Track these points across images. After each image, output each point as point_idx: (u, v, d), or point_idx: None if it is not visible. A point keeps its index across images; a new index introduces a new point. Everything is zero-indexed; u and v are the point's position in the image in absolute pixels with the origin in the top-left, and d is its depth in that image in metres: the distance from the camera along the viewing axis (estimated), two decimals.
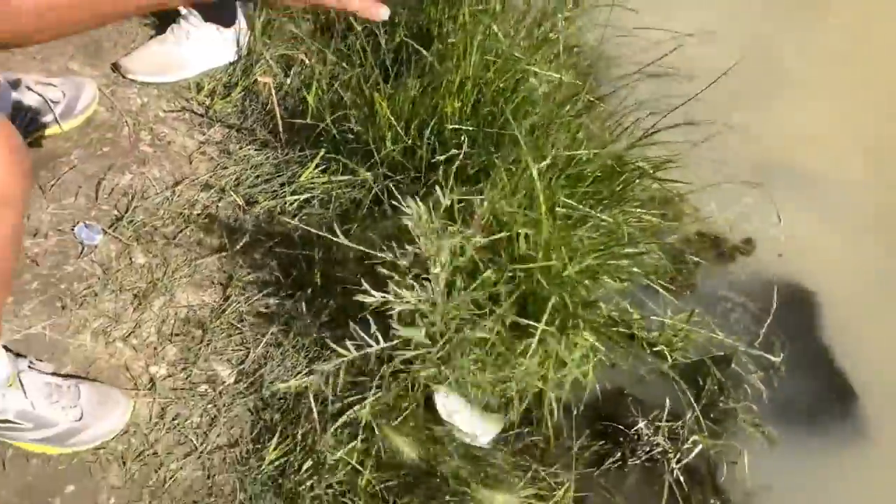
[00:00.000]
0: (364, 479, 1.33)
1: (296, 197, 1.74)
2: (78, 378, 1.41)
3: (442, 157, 1.49)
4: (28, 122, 1.70)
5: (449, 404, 1.48)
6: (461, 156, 1.39)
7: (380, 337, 1.28)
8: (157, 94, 1.94)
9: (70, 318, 1.53)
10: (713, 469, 1.68)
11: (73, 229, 1.65)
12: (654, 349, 1.77)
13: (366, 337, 1.28)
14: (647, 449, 1.63)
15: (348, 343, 1.29)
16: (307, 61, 1.93)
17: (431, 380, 1.39)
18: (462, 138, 1.41)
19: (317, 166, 1.76)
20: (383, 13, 0.87)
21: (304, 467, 1.38)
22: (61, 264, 1.61)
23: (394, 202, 1.37)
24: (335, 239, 1.33)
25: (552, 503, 1.55)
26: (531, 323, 1.38)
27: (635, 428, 1.62)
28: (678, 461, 1.61)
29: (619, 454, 1.64)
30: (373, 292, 1.28)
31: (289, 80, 1.92)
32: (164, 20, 1.98)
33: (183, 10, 1.91)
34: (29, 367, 1.31)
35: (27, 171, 0.97)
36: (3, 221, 1.00)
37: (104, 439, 1.38)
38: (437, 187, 1.27)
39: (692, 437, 1.63)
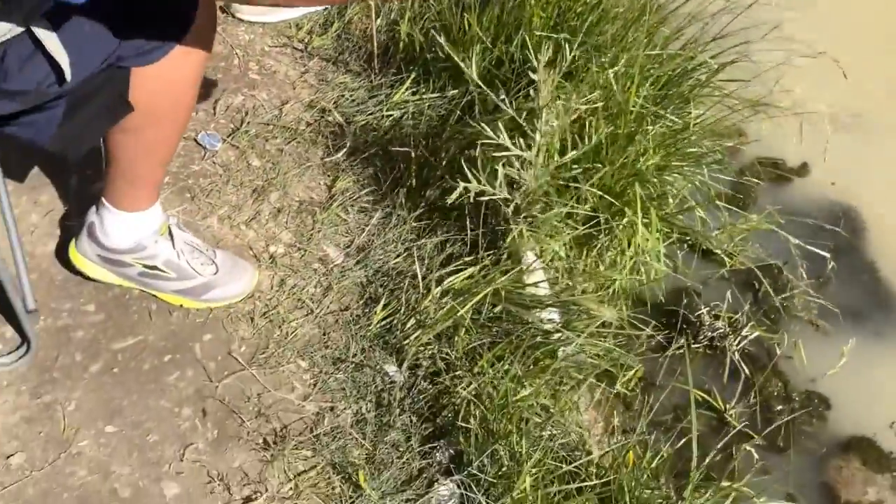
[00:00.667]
0: (462, 330, 1.51)
1: (390, 113, 1.95)
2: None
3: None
4: None
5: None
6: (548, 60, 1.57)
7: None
8: (262, 31, 2.17)
9: (198, 206, 1.75)
10: (771, 357, 1.83)
11: (195, 137, 1.88)
12: (713, 256, 1.95)
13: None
14: (709, 334, 1.79)
15: None
16: (395, 3, 2.15)
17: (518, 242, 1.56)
18: (548, 47, 1.60)
19: (407, 89, 1.97)
20: None
21: (408, 325, 1.57)
22: (188, 164, 1.83)
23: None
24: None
25: (622, 382, 1.72)
26: (613, 201, 1.56)
27: (697, 313, 1.79)
28: (738, 344, 1.77)
29: (682, 340, 1.81)
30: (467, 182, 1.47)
31: (380, 17, 2.14)
32: None
33: None
34: (176, 224, 1.52)
35: (215, 15, 1.19)
36: (195, 61, 1.21)
37: (234, 300, 1.59)
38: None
39: (749, 324, 1.79)
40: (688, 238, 1.92)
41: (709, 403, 1.74)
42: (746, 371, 1.78)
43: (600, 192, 1.60)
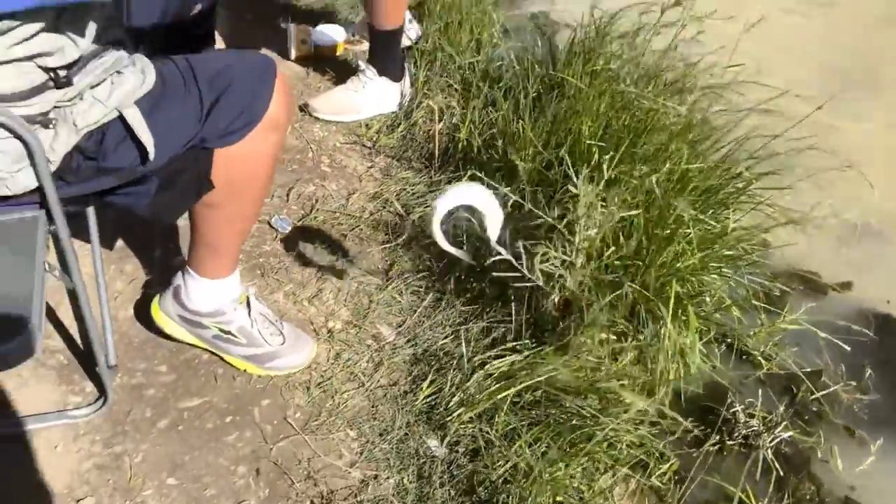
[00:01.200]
0: (503, 412, 1.61)
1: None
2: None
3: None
4: None
5: None
6: (594, 166, 1.71)
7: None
8: (335, 129, 2.39)
9: (267, 282, 1.91)
10: (805, 459, 1.86)
11: (269, 221, 2.06)
12: (750, 356, 2.01)
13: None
14: (744, 432, 1.83)
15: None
16: (458, 108, 2.35)
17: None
18: (594, 152, 1.75)
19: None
20: None
21: (452, 403, 1.67)
22: (260, 244, 2.00)
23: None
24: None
25: (657, 474, 1.77)
26: (652, 297, 1.66)
27: (733, 410, 1.84)
28: (771, 443, 1.81)
29: (717, 437, 1.85)
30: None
31: (443, 122, 2.34)
32: (345, 71, 2.45)
33: (362, 65, 2.37)
34: (254, 295, 1.67)
35: (293, 103, 1.37)
36: (270, 142, 1.39)
37: (294, 370, 1.72)
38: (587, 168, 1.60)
39: (783, 423, 1.83)
40: (726, 337, 1.99)
41: (742, 501, 1.77)
42: (780, 471, 1.81)
43: (641, 289, 1.71)
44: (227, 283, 1.61)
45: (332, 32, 2.65)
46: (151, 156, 1.28)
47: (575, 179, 1.66)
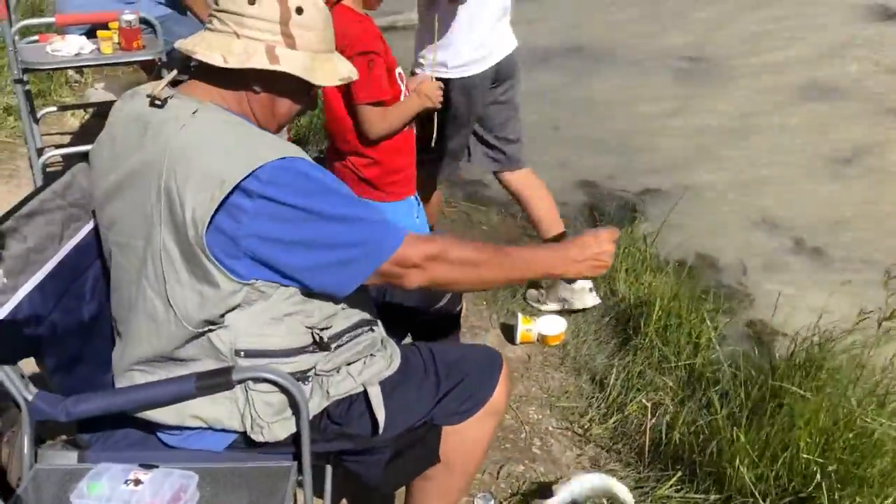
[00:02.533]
0: None
1: None
2: None
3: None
4: None
5: None
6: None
7: None
8: (548, 413, 2.51)
9: None
10: None
11: (473, 497, 2.15)
12: None
13: None
14: None
15: None
16: (671, 405, 2.40)
17: None
18: (814, 470, 1.70)
19: (672, 486, 2.12)
20: None
21: None
22: None
23: None
24: None
25: None
26: None
27: None
28: None
29: None
30: None
31: (655, 418, 2.38)
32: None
33: None
34: None
35: (510, 390, 1.53)
36: (488, 426, 1.54)
37: None
38: None
39: None
40: None
41: None
42: None
43: None
44: None
45: (555, 324, 2.87)
46: (381, 430, 1.48)
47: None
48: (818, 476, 1.56)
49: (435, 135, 2.65)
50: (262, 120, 1.47)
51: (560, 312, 2.95)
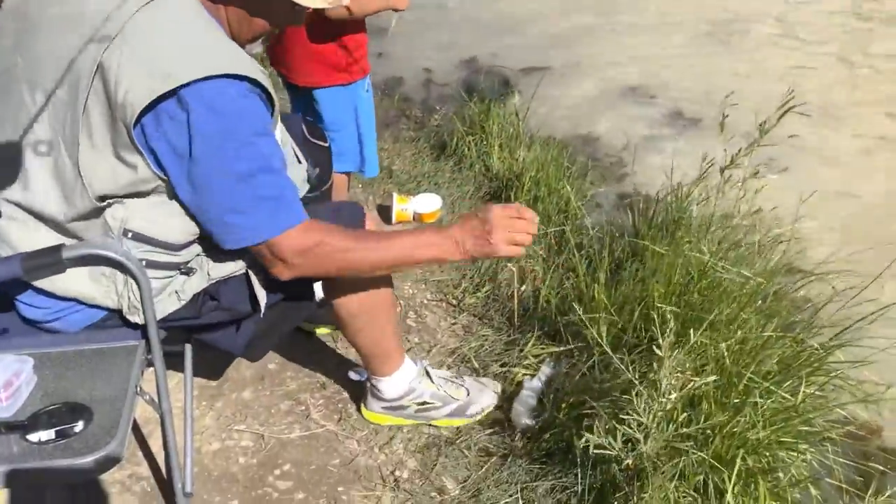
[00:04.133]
0: None
1: (523, 371, 2.16)
2: None
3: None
4: None
5: None
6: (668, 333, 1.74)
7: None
8: (424, 287, 2.53)
9: (343, 427, 1.99)
10: None
11: (348, 371, 2.17)
12: None
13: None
14: None
15: None
16: (541, 272, 2.45)
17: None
18: (668, 319, 1.78)
19: (534, 343, 2.19)
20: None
21: None
22: (340, 391, 2.10)
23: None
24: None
25: None
26: (721, 468, 1.62)
27: None
28: None
29: None
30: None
31: (525, 285, 2.44)
32: None
33: None
34: (428, 365, 1.97)
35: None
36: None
37: (490, 408, 2.02)
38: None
39: None
40: None
41: None
42: None
43: (710, 459, 1.67)
44: (404, 369, 1.90)
45: (431, 201, 2.85)
46: (262, 309, 1.52)
47: (661, 341, 1.68)
48: (672, 323, 1.63)
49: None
50: (235, 30, 1.43)
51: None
